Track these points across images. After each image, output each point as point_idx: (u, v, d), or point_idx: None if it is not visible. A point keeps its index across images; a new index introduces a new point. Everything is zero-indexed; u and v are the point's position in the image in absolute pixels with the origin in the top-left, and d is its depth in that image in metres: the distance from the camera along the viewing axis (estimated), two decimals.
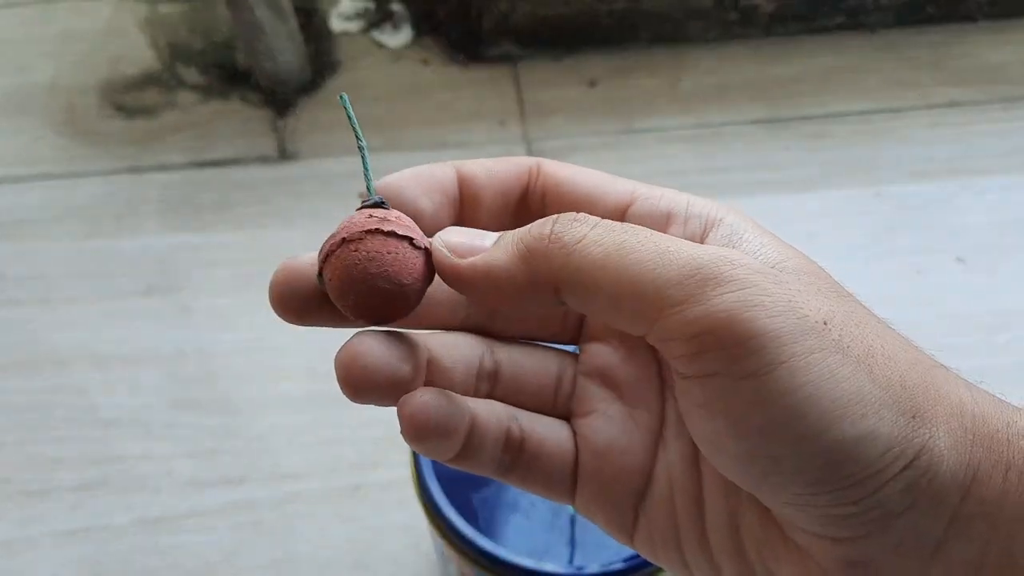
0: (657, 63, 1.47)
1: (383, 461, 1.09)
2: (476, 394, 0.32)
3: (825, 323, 0.23)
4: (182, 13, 1.55)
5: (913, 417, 0.24)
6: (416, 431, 0.28)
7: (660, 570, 0.71)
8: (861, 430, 0.23)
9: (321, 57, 1.48)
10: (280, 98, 1.44)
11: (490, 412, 0.31)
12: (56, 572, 1.04)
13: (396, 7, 1.52)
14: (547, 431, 0.31)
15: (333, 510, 1.06)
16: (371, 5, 1.54)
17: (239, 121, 1.42)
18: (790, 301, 0.23)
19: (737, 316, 0.23)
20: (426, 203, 0.31)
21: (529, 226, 0.26)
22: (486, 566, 0.70)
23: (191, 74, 1.48)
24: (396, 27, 1.52)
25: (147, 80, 1.48)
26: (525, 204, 0.31)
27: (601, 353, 0.33)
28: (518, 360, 0.33)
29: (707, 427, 0.25)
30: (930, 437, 0.24)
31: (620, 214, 0.29)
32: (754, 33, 1.50)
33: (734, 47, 1.49)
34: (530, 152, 1.37)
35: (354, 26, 1.52)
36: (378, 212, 0.29)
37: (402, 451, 1.10)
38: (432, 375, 0.31)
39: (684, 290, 0.23)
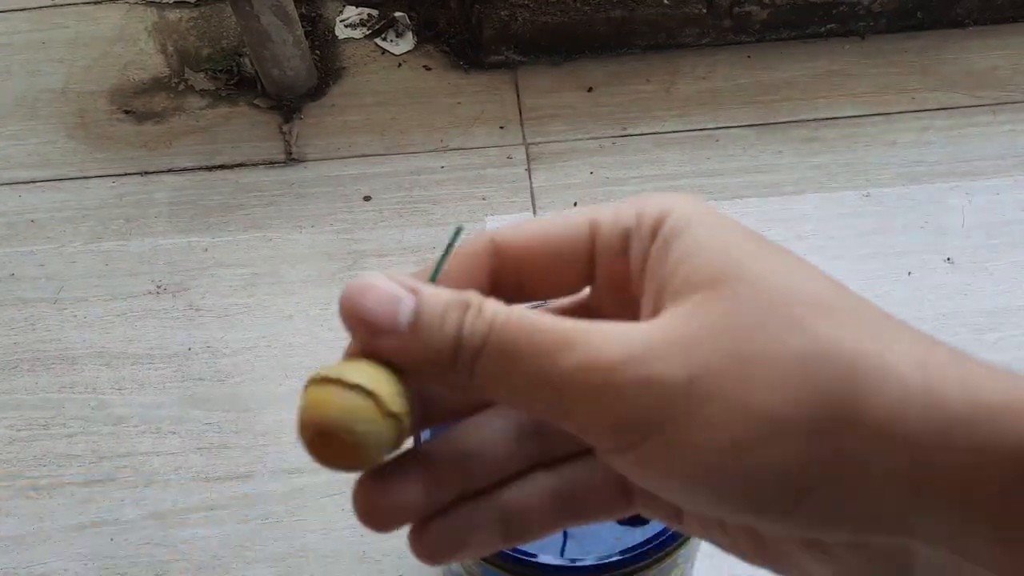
0: (652, 69, 1.49)
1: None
2: (521, 457, 0.31)
3: (691, 380, 0.24)
4: (191, 20, 1.57)
5: (811, 436, 0.24)
6: (428, 560, 0.29)
7: (652, 564, 0.73)
8: (747, 467, 0.24)
9: (326, 63, 1.50)
10: (286, 103, 1.46)
11: (526, 492, 0.31)
12: (67, 566, 1.07)
13: (399, 15, 1.54)
14: (592, 472, 0.31)
15: (338, 504, 1.08)
16: (375, 13, 1.56)
17: (246, 125, 1.45)
18: (646, 378, 0.24)
19: (606, 415, 0.24)
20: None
21: (443, 315, 0.26)
22: (485, 557, 0.72)
23: (199, 79, 1.50)
24: (399, 34, 1.54)
25: (156, 85, 1.50)
26: (498, 285, 0.31)
27: None
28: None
29: (634, 480, 0.27)
30: (841, 447, 0.24)
31: (588, 258, 0.30)
32: (747, 40, 1.52)
33: (727, 53, 1.51)
34: (528, 154, 1.39)
35: (358, 33, 1.54)
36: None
37: (405, 445, 1.12)
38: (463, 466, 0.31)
39: (564, 404, 0.25)
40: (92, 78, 1.51)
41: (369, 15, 1.55)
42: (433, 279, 0.29)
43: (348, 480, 1.03)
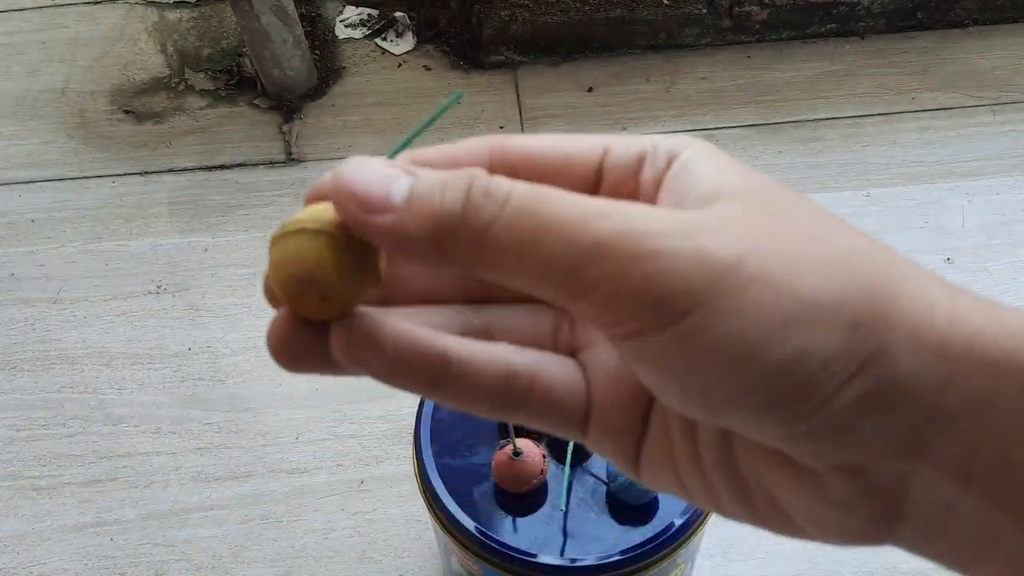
0: (652, 69, 1.50)
1: (387, 456, 1.11)
2: None
3: (740, 259, 0.23)
4: (191, 20, 1.57)
5: (855, 327, 0.23)
6: (348, 346, 0.26)
7: (652, 564, 0.73)
8: (789, 352, 0.23)
9: (326, 63, 1.51)
10: (286, 103, 1.46)
11: (479, 346, 0.29)
12: (66, 566, 1.07)
13: (399, 15, 1.54)
14: (558, 366, 0.30)
15: (338, 504, 1.09)
16: (375, 13, 1.56)
17: (246, 125, 1.45)
18: (695, 250, 0.23)
19: (640, 282, 0.23)
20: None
21: (443, 189, 0.24)
22: (486, 558, 0.72)
23: (199, 79, 1.50)
24: (399, 34, 1.54)
25: (156, 85, 1.50)
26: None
27: None
28: (511, 317, 0.32)
29: (643, 377, 0.26)
30: (880, 343, 0.23)
31: (597, 171, 0.29)
32: (747, 40, 1.52)
33: (727, 53, 1.51)
34: None
35: (358, 33, 1.55)
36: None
37: (406, 446, 1.12)
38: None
39: (588, 272, 0.23)
40: (92, 78, 1.51)
41: (369, 15, 1.55)
42: (416, 134, 0.28)
43: (348, 480, 1.03)
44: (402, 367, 0.27)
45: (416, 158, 0.28)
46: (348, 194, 0.25)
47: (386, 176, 0.25)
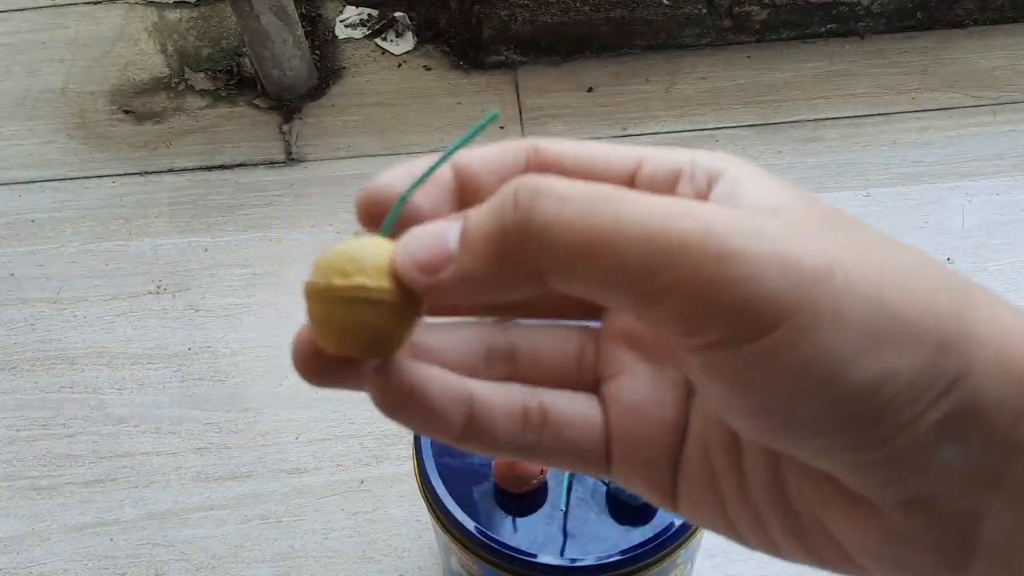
0: (652, 69, 1.50)
1: (387, 456, 1.12)
2: (489, 377, 0.29)
3: (830, 268, 0.21)
4: (191, 20, 1.57)
5: (941, 347, 0.22)
6: (389, 403, 0.26)
7: (652, 564, 0.73)
8: (877, 370, 0.21)
9: (326, 63, 1.51)
10: (286, 103, 1.46)
11: (498, 390, 0.28)
12: (66, 566, 1.07)
13: (399, 15, 1.54)
14: (572, 404, 0.29)
15: (338, 504, 1.09)
16: (375, 13, 1.56)
17: (246, 125, 1.45)
18: (785, 256, 0.21)
19: (726, 287, 0.21)
20: (422, 199, 0.27)
21: (489, 211, 0.23)
22: (486, 558, 0.72)
23: (199, 79, 1.50)
24: (399, 34, 1.54)
25: (156, 85, 1.50)
26: None
27: (623, 316, 0.30)
28: (536, 338, 0.30)
29: (716, 394, 0.24)
30: (965, 366, 0.22)
31: (630, 181, 0.27)
32: (747, 40, 1.52)
33: (727, 53, 1.51)
34: None
35: (358, 33, 1.55)
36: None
37: (405, 446, 1.12)
38: (423, 359, 0.28)
39: (668, 273, 0.21)
40: (92, 78, 1.51)
41: (369, 15, 1.55)
42: (450, 154, 0.27)
43: (348, 480, 1.03)
44: (433, 425, 0.26)
45: (455, 161, 0.28)
46: (412, 269, 0.24)
47: (439, 232, 0.24)
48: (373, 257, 0.24)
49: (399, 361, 0.26)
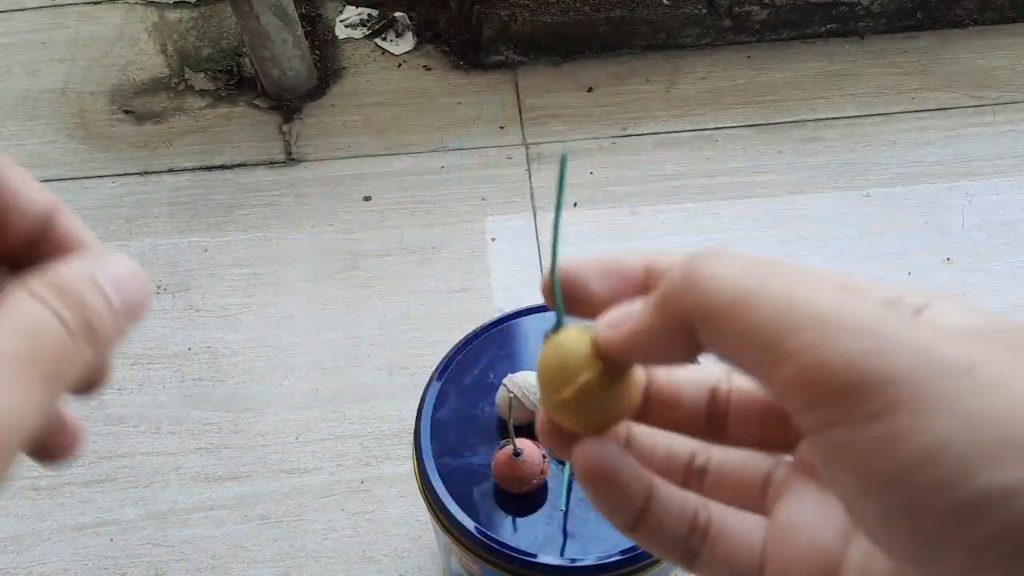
0: (652, 69, 1.50)
1: (387, 456, 1.11)
2: (680, 483, 0.31)
3: (969, 366, 0.20)
4: (191, 20, 1.57)
5: None
6: (586, 473, 0.28)
7: (652, 564, 0.73)
8: (1003, 480, 0.19)
9: (326, 63, 1.51)
10: (286, 103, 1.46)
11: (677, 494, 0.30)
12: (66, 566, 1.07)
13: (399, 15, 1.54)
14: (739, 521, 0.29)
15: (338, 504, 1.09)
16: (375, 13, 1.56)
17: (246, 125, 1.45)
18: (924, 345, 0.20)
19: (853, 360, 0.20)
20: (598, 286, 0.28)
21: (668, 275, 0.25)
22: (486, 558, 0.72)
23: (199, 80, 1.50)
24: (399, 34, 1.54)
25: (156, 85, 1.50)
26: None
27: (809, 450, 0.29)
28: (730, 457, 0.31)
29: (838, 484, 0.22)
30: None
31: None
32: (747, 40, 1.52)
33: (727, 53, 1.51)
34: (528, 155, 1.39)
35: (358, 33, 1.55)
36: None
37: (406, 446, 1.12)
38: (630, 450, 0.31)
39: (800, 339, 0.21)
40: (92, 78, 1.51)
41: (369, 15, 1.55)
42: (560, 208, 0.29)
43: (348, 480, 1.03)
44: (612, 505, 0.28)
45: (651, 260, 0.29)
46: (606, 330, 0.27)
47: (630, 305, 0.26)
48: (578, 352, 0.28)
49: (605, 443, 0.28)
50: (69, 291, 0.24)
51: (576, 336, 0.28)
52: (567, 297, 0.29)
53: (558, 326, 0.29)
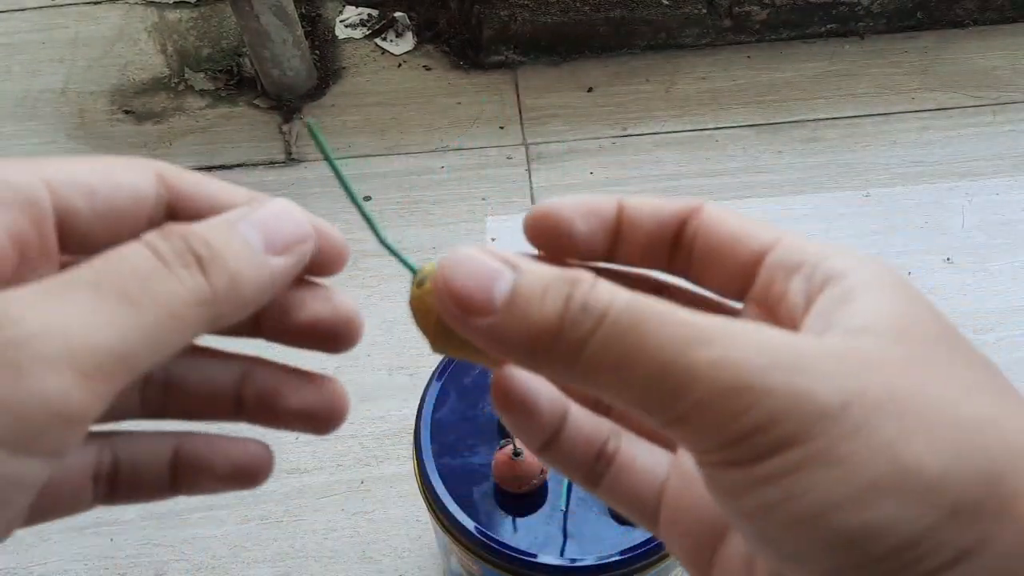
0: (652, 69, 1.50)
1: (387, 456, 1.11)
2: (598, 411, 0.31)
3: (844, 405, 0.21)
4: (191, 20, 1.57)
5: (954, 511, 0.20)
6: (501, 396, 0.28)
7: (652, 564, 0.73)
8: (866, 519, 0.20)
9: (326, 63, 1.51)
10: (286, 103, 1.46)
11: (591, 417, 0.29)
12: (66, 566, 1.07)
13: (399, 15, 1.54)
14: (644, 451, 0.30)
15: (338, 504, 1.09)
16: (375, 13, 1.56)
17: (246, 125, 1.45)
18: (795, 390, 0.21)
19: (730, 420, 0.21)
20: (581, 226, 0.28)
21: (543, 296, 0.23)
22: (486, 558, 0.72)
23: (199, 80, 1.50)
24: (399, 34, 1.54)
25: (156, 85, 1.50)
26: (679, 241, 0.29)
27: None
28: None
29: (719, 504, 0.24)
30: (984, 537, 0.20)
31: (758, 260, 0.27)
32: (747, 39, 1.52)
33: (727, 53, 1.51)
34: (528, 155, 1.39)
35: (358, 33, 1.55)
36: None
37: (406, 446, 1.12)
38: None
39: (681, 404, 0.22)
40: (92, 78, 1.51)
41: (369, 15, 1.55)
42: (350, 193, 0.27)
43: (348, 480, 1.03)
44: (528, 425, 0.28)
45: (622, 201, 0.28)
46: (450, 295, 0.24)
47: (489, 274, 0.24)
48: (428, 300, 0.27)
49: (516, 372, 0.28)
50: (173, 229, 0.23)
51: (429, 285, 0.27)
52: (552, 238, 0.28)
53: (415, 275, 0.27)
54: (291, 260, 0.25)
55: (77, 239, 0.25)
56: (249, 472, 0.30)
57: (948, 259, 1.27)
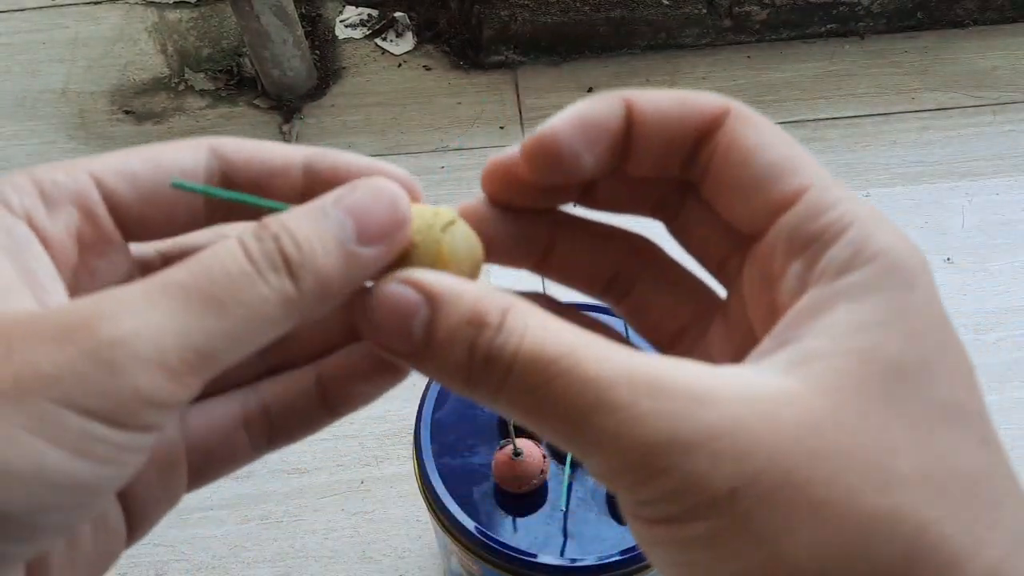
0: (652, 69, 1.50)
1: (387, 456, 1.11)
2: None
3: (731, 493, 0.21)
4: (191, 20, 1.57)
5: None
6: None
7: (652, 564, 0.73)
8: None
9: (326, 63, 1.51)
10: (286, 103, 1.46)
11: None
12: None
13: (399, 15, 1.54)
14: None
15: (338, 504, 1.09)
16: (375, 13, 1.56)
17: (246, 126, 1.45)
18: (691, 474, 0.21)
19: (631, 480, 0.22)
20: (586, 156, 0.27)
21: (451, 343, 0.23)
22: (486, 558, 0.72)
23: (199, 80, 1.50)
24: (399, 34, 1.54)
25: (156, 85, 1.50)
26: (697, 154, 0.27)
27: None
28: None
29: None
30: None
31: (774, 214, 0.25)
32: (747, 39, 1.52)
33: (727, 53, 1.51)
34: None
35: (358, 33, 1.55)
36: None
37: (406, 446, 1.12)
38: None
39: (590, 461, 0.22)
40: (92, 78, 1.51)
41: (369, 15, 1.55)
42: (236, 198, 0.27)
43: (348, 480, 1.03)
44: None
45: (632, 104, 0.27)
46: (381, 341, 0.24)
47: (407, 311, 0.24)
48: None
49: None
50: (267, 225, 0.23)
51: None
52: (553, 172, 0.27)
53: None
54: (383, 250, 0.25)
55: (133, 223, 0.27)
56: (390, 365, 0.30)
57: (948, 259, 1.27)
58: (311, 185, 0.28)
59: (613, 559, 0.70)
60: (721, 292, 0.30)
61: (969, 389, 0.23)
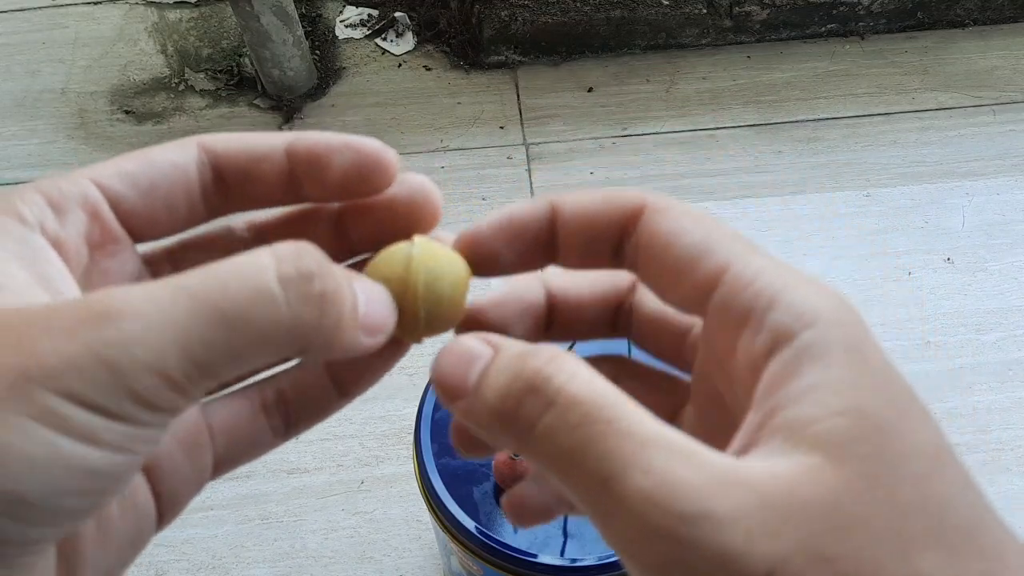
0: (652, 69, 1.50)
1: (387, 456, 1.11)
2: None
3: (769, 574, 0.20)
4: (191, 20, 1.57)
5: None
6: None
7: None
8: None
9: (326, 63, 1.51)
10: (287, 103, 1.46)
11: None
12: None
13: (399, 15, 1.54)
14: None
15: (338, 504, 1.09)
16: (375, 13, 1.56)
17: (246, 125, 1.44)
18: (726, 553, 0.21)
19: (652, 553, 0.21)
20: (507, 253, 0.29)
21: (509, 384, 0.24)
22: (486, 558, 0.72)
23: (199, 80, 1.50)
24: (399, 34, 1.54)
25: (156, 85, 1.50)
26: (621, 248, 0.28)
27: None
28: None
29: None
30: None
31: (704, 296, 0.26)
32: (747, 39, 1.52)
33: (727, 53, 1.51)
34: (528, 155, 1.39)
35: (358, 33, 1.55)
36: None
37: (406, 446, 1.12)
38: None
39: (606, 531, 0.22)
40: (92, 78, 1.51)
41: (369, 15, 1.55)
42: None
43: (348, 480, 1.02)
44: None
45: (557, 205, 0.28)
46: (439, 387, 0.25)
47: (466, 359, 0.25)
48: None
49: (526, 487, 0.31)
50: (303, 252, 0.23)
51: None
52: (483, 265, 0.28)
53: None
54: (374, 343, 0.25)
55: (136, 221, 0.28)
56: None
57: (948, 259, 1.27)
58: (294, 166, 0.29)
59: (613, 559, 0.70)
60: (686, 378, 0.31)
61: (936, 428, 0.23)
